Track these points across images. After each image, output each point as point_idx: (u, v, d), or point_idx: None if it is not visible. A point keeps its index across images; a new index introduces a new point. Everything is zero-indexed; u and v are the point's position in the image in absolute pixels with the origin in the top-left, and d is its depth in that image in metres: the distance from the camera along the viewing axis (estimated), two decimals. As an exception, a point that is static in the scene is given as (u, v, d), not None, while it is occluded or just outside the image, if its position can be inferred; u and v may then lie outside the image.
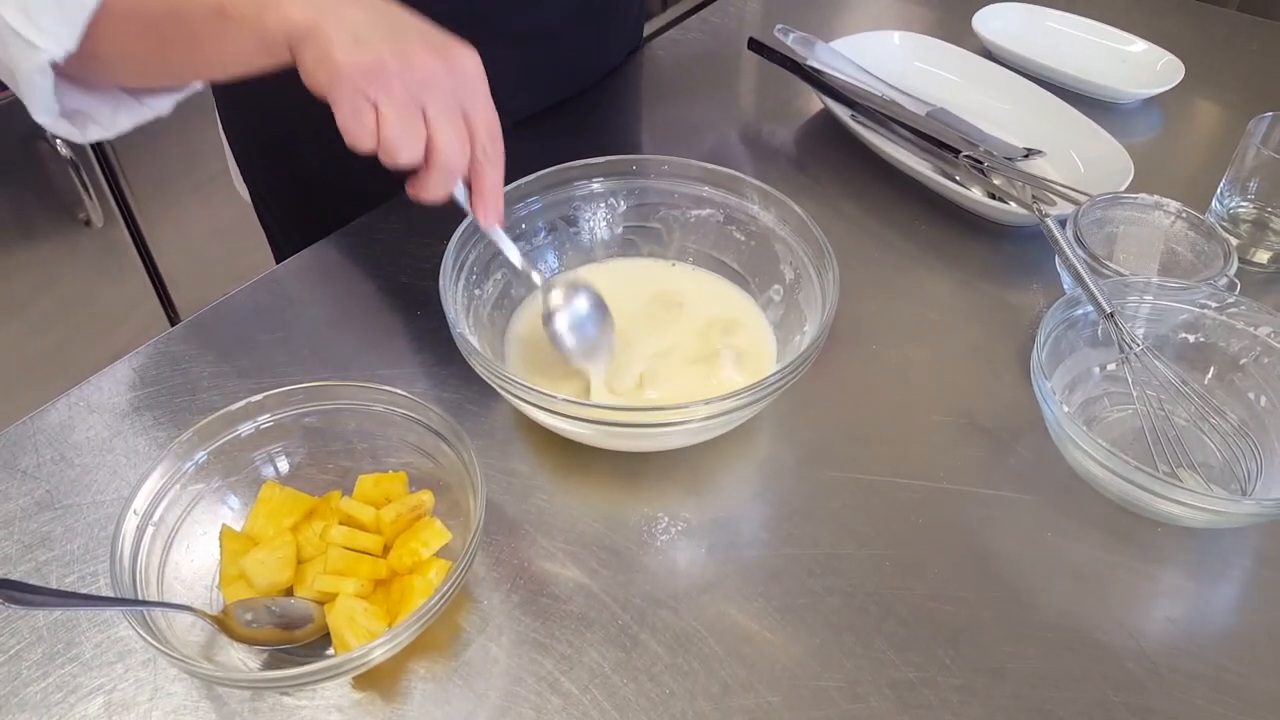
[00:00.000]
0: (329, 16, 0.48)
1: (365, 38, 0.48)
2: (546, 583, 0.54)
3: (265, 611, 0.49)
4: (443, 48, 0.50)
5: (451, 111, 0.50)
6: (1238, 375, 0.61)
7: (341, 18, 0.48)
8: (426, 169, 0.51)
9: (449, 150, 0.50)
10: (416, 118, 0.49)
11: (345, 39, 0.47)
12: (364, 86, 0.48)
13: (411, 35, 0.50)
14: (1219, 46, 1.05)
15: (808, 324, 0.63)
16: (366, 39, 0.48)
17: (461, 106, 0.51)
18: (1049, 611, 0.53)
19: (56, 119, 0.55)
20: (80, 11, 0.50)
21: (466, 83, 0.51)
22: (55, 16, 0.50)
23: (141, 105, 0.60)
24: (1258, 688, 0.50)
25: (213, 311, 0.71)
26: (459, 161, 0.51)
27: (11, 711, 0.48)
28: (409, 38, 0.49)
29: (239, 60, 0.51)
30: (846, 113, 0.87)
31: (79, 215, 1.47)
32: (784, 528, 0.57)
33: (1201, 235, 0.70)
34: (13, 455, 0.60)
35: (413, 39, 0.49)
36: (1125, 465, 0.52)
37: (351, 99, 0.48)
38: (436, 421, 0.54)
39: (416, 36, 0.50)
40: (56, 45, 0.50)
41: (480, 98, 0.52)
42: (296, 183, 0.91)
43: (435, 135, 0.50)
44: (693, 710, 0.49)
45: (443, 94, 0.50)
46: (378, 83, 0.48)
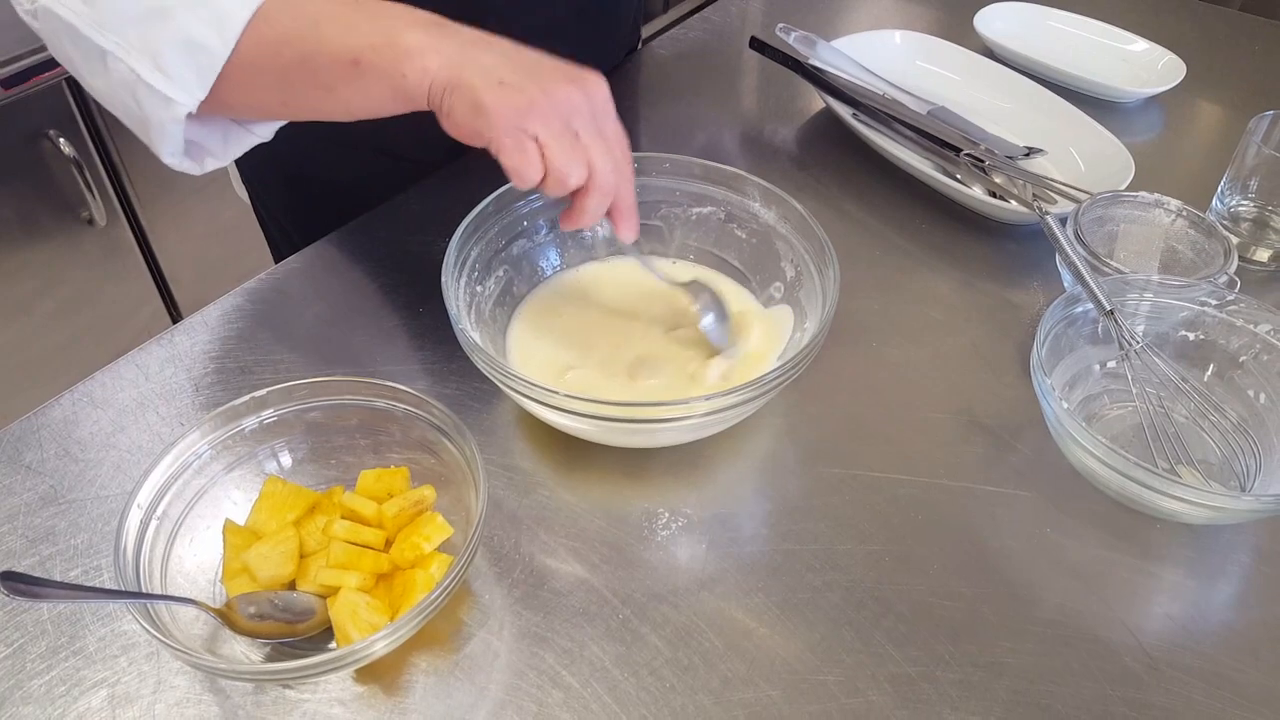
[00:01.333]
0: (468, 66, 0.50)
1: (507, 80, 0.50)
2: (548, 577, 0.54)
3: (268, 605, 0.49)
4: (578, 77, 0.52)
5: (598, 135, 0.53)
6: (1237, 373, 0.62)
7: (479, 65, 0.50)
8: (586, 192, 0.53)
9: (605, 171, 0.53)
10: (575, 144, 0.51)
11: (491, 84, 0.49)
12: (521, 124, 0.49)
13: (546, 68, 0.52)
14: (1220, 46, 1.05)
15: (808, 321, 0.63)
16: (508, 81, 0.50)
17: (600, 130, 0.53)
18: (1048, 607, 0.54)
19: (181, 158, 0.57)
20: (211, 62, 0.51)
21: (600, 106, 0.53)
22: (187, 68, 0.51)
23: (248, 133, 0.60)
24: (1256, 683, 0.50)
25: (216, 308, 0.71)
26: (614, 181, 0.53)
27: (15, 704, 0.49)
28: (545, 73, 0.51)
29: (370, 109, 0.53)
30: (848, 111, 0.88)
31: (82, 214, 1.47)
32: (784, 524, 0.58)
33: (1202, 233, 0.70)
34: (17, 450, 0.61)
35: (549, 74, 0.51)
36: (1125, 462, 0.53)
37: (514, 137, 0.50)
38: (439, 417, 0.54)
39: (551, 70, 0.52)
40: (189, 97, 0.52)
41: (614, 120, 0.54)
42: (296, 182, 0.91)
43: (593, 159, 0.52)
44: (693, 704, 0.49)
45: (587, 119, 0.52)
46: (533, 118, 0.50)
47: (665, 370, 0.63)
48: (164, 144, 0.55)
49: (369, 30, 0.50)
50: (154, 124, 0.53)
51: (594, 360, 0.64)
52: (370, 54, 0.50)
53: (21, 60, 1.32)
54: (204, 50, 0.50)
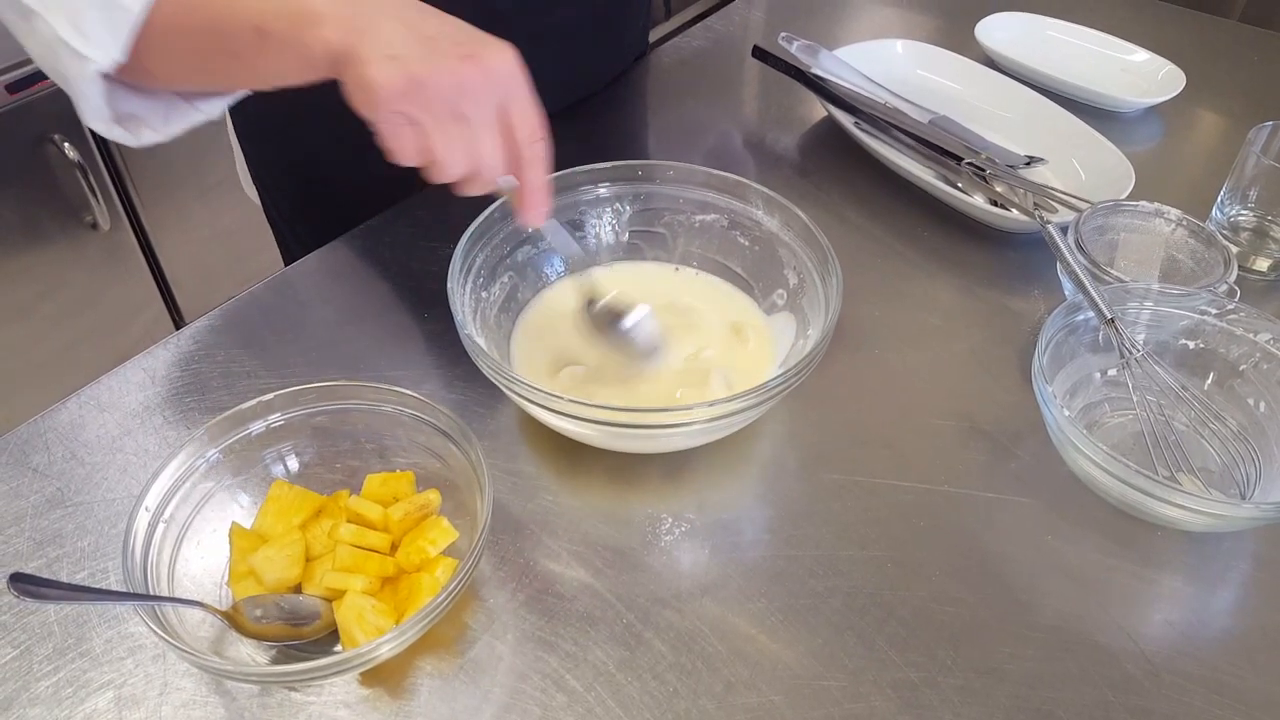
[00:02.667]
0: (365, 37, 0.48)
1: (400, 54, 0.47)
2: (551, 582, 0.55)
3: (274, 608, 0.50)
4: (477, 52, 0.49)
5: (487, 119, 0.50)
6: (1237, 381, 0.62)
7: (377, 35, 0.48)
8: (468, 180, 0.52)
9: (485, 157, 0.51)
10: (457, 130, 0.49)
11: (380, 58, 0.47)
12: (402, 108, 0.48)
13: (445, 44, 0.49)
14: (1220, 56, 1.05)
15: (811, 328, 0.63)
16: (401, 55, 0.47)
17: (500, 107, 0.50)
18: (1049, 613, 0.54)
19: (109, 125, 0.55)
20: (126, 23, 0.50)
21: (502, 83, 0.50)
22: (102, 28, 0.50)
23: (193, 109, 0.60)
24: (1255, 690, 0.51)
25: (222, 312, 0.71)
26: (497, 168, 0.52)
27: (23, 705, 0.49)
28: (443, 47, 0.49)
29: (281, 76, 0.52)
30: (850, 120, 0.88)
31: (86, 218, 1.48)
32: (786, 529, 0.58)
33: (1202, 243, 0.70)
34: (24, 453, 0.61)
35: (446, 48, 0.49)
36: (1125, 469, 0.53)
37: (390, 121, 0.48)
38: (444, 422, 0.54)
39: (450, 46, 0.49)
40: (104, 56, 0.51)
41: (518, 96, 0.51)
42: (307, 184, 0.92)
43: (477, 146, 0.50)
44: (696, 709, 0.49)
45: (479, 101, 0.49)
46: (415, 102, 0.48)
47: (668, 376, 0.63)
48: (85, 106, 0.53)
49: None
50: (73, 84, 0.52)
51: (598, 366, 0.64)
52: (274, 21, 0.49)
53: (26, 65, 1.32)
54: (119, 7, 0.50)
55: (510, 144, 0.51)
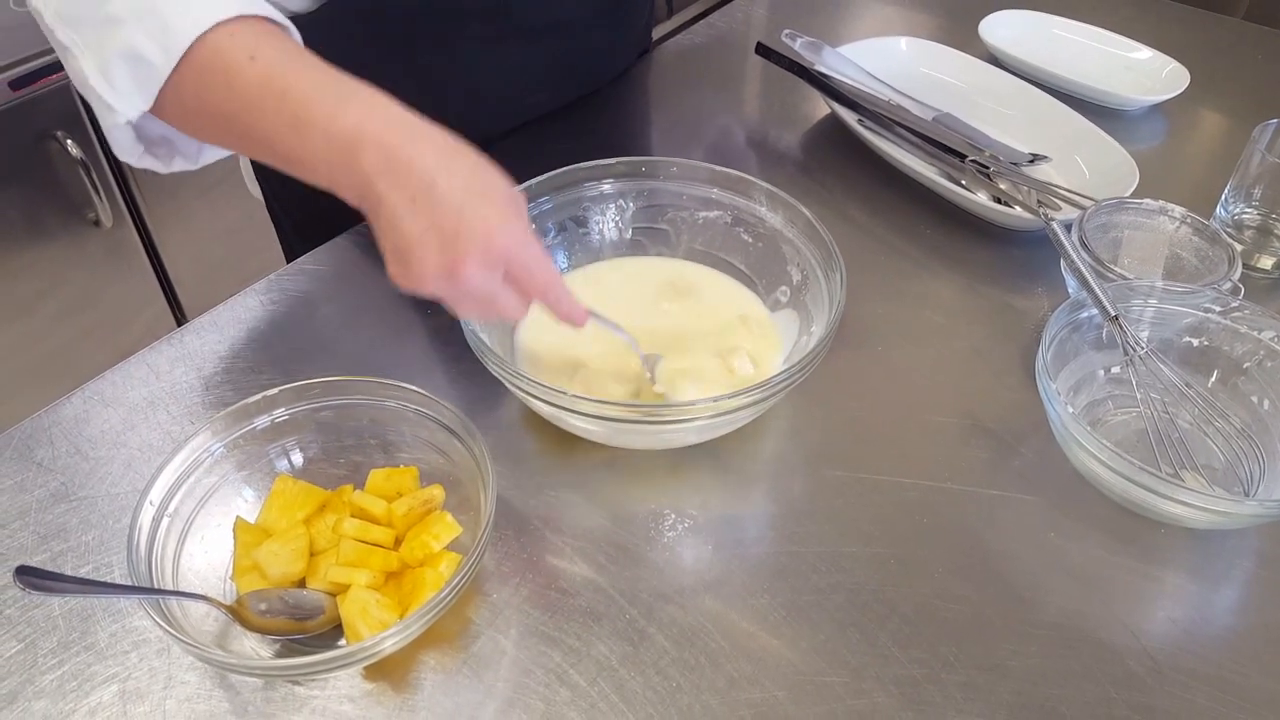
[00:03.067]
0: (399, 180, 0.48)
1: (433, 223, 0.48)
2: (555, 577, 0.55)
3: (279, 602, 0.50)
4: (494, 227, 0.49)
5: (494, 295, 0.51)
6: (1241, 379, 0.62)
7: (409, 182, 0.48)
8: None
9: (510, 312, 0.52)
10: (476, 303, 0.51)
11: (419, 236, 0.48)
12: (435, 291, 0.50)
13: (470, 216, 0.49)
14: (1224, 54, 1.05)
15: (814, 325, 0.63)
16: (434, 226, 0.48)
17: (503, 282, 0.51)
18: (1052, 610, 0.54)
19: (140, 158, 0.56)
20: (151, 76, 0.51)
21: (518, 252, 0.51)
22: (129, 81, 0.51)
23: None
24: (1258, 687, 0.51)
25: (226, 308, 0.71)
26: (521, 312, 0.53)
27: (28, 698, 0.49)
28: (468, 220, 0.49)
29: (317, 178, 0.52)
30: (853, 117, 0.88)
31: (88, 215, 1.48)
32: (789, 526, 0.58)
33: (1206, 240, 0.70)
34: (28, 447, 0.61)
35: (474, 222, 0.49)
36: (1129, 466, 0.53)
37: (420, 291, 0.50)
38: (448, 417, 0.54)
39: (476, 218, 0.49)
40: (130, 108, 0.52)
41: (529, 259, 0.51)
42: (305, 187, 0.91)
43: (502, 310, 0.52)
44: (699, 704, 0.49)
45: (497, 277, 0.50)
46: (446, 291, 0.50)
47: (672, 371, 0.63)
48: (115, 143, 0.55)
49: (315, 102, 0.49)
50: (103, 123, 0.53)
51: (601, 361, 0.64)
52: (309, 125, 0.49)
53: (29, 62, 1.32)
54: (145, 64, 0.50)
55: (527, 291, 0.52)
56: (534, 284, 0.52)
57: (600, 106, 0.95)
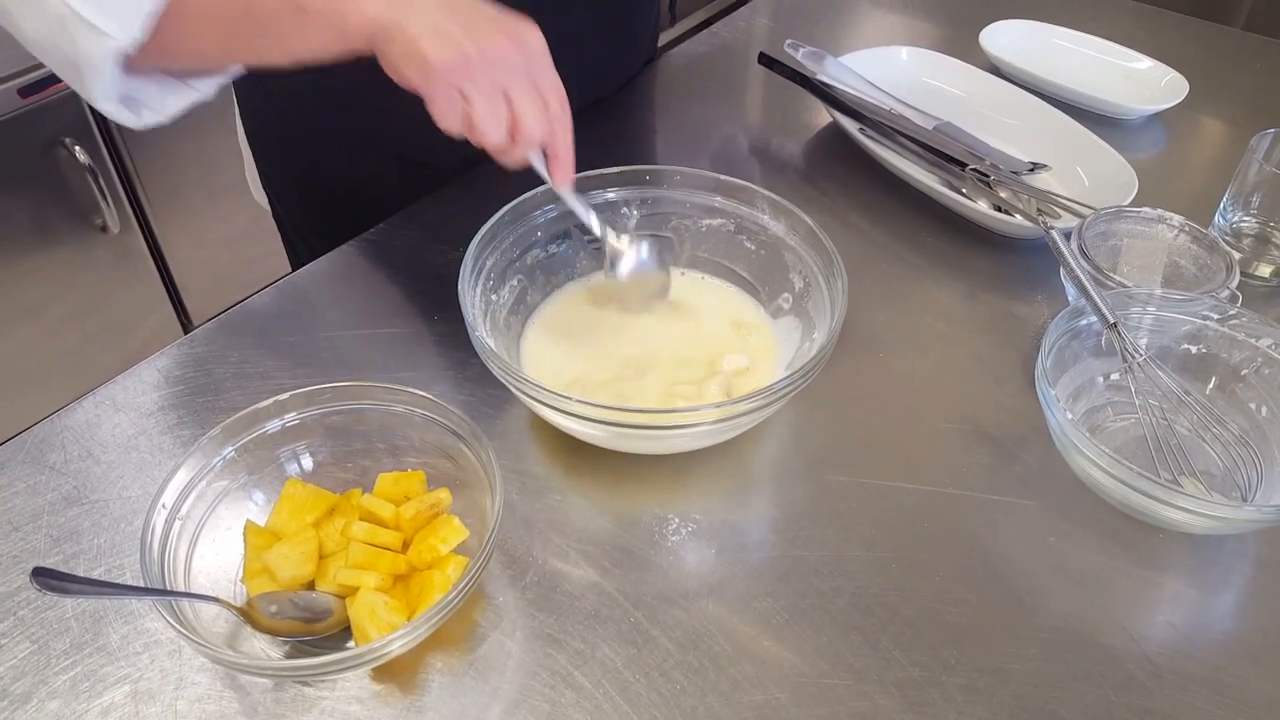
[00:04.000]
0: (408, 12, 0.51)
1: (445, 30, 0.51)
2: (560, 580, 0.55)
3: (288, 604, 0.50)
4: (514, 29, 0.54)
5: (529, 89, 0.54)
6: (1239, 386, 0.63)
7: (419, 12, 0.51)
8: (513, 143, 0.55)
9: (531, 125, 0.55)
10: (501, 102, 0.54)
11: (428, 33, 0.51)
12: (454, 80, 0.52)
13: (483, 22, 0.53)
14: (1223, 64, 1.06)
15: (816, 331, 0.64)
16: (447, 32, 0.51)
17: (534, 81, 0.55)
18: (1052, 614, 0.55)
19: (118, 106, 0.55)
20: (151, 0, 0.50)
21: (535, 58, 0.55)
22: (125, 4, 0.50)
23: (187, 88, 0.60)
24: (1257, 690, 0.51)
25: (236, 314, 0.72)
26: (540, 134, 0.56)
27: (41, 699, 0.50)
28: (482, 25, 0.53)
29: (312, 52, 0.54)
30: (855, 126, 0.89)
31: (96, 221, 1.49)
32: (792, 530, 0.59)
33: (1204, 249, 0.71)
34: (40, 451, 0.62)
35: (485, 26, 0.53)
36: (1128, 472, 0.54)
37: (445, 93, 0.52)
38: (455, 422, 0.55)
39: (488, 23, 0.53)
40: (126, 34, 0.50)
41: (548, 70, 0.56)
42: (316, 189, 0.92)
43: (520, 115, 0.54)
44: (703, 706, 0.50)
45: (519, 74, 0.54)
46: (465, 75, 0.51)
47: (676, 377, 0.64)
48: (98, 85, 0.52)
49: None
50: (86, 63, 0.51)
51: (606, 367, 0.65)
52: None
53: (39, 69, 1.34)
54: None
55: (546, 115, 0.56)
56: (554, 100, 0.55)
57: (604, 115, 0.96)
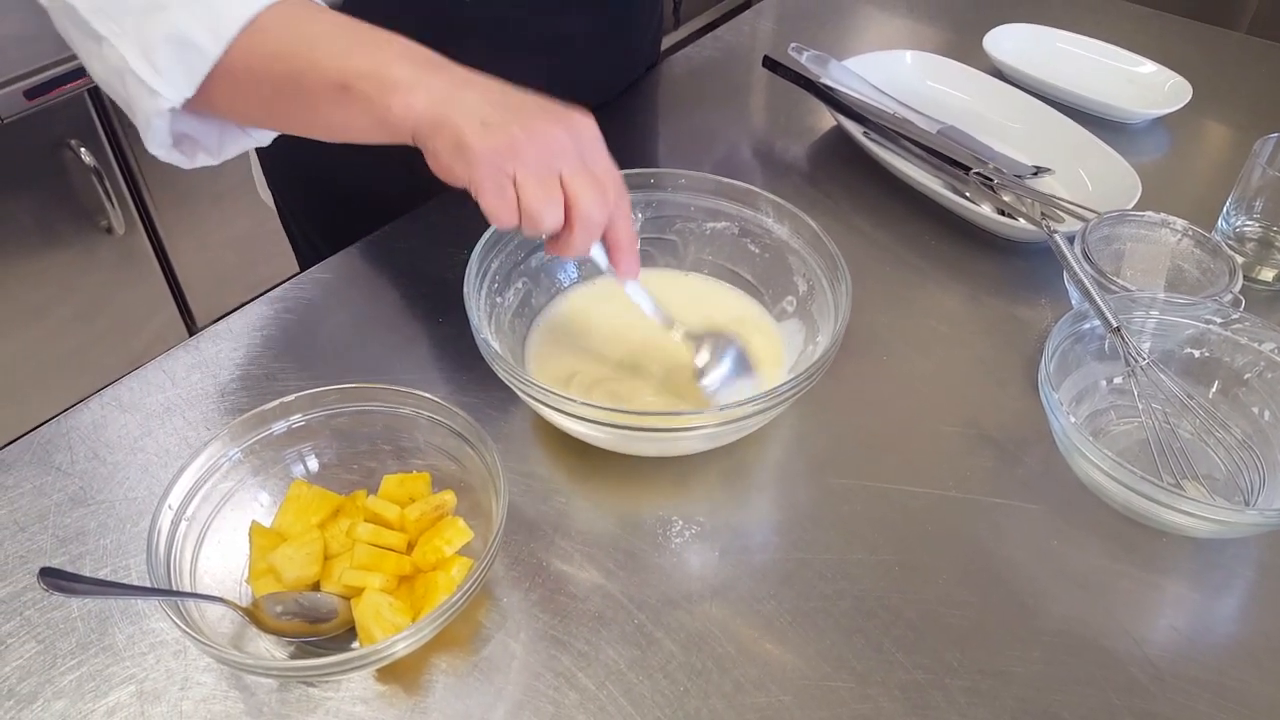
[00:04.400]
0: (454, 105, 0.49)
1: (491, 120, 0.49)
2: (564, 582, 0.56)
3: (294, 605, 0.51)
4: (564, 116, 0.52)
5: (582, 170, 0.52)
6: (1242, 390, 0.63)
7: (465, 104, 0.50)
8: (569, 228, 0.52)
9: (589, 209, 0.51)
10: (554, 185, 0.51)
11: (475, 125, 0.49)
12: (501, 164, 0.49)
13: (531, 109, 0.51)
14: (1227, 68, 1.06)
15: (820, 334, 0.64)
16: (493, 121, 0.49)
17: (588, 167, 0.52)
18: (1055, 618, 0.55)
19: (169, 151, 0.57)
20: (200, 62, 0.51)
21: (590, 145, 0.53)
22: (175, 65, 0.51)
23: (246, 135, 0.61)
24: (1260, 694, 0.51)
25: (240, 316, 0.72)
26: (600, 218, 0.52)
27: (47, 698, 0.50)
28: (530, 112, 0.51)
29: (353, 135, 0.53)
30: (859, 129, 0.89)
31: (101, 222, 1.50)
32: (795, 533, 0.59)
33: (1207, 253, 0.71)
34: (46, 452, 0.62)
35: (533, 113, 0.51)
36: (1131, 475, 0.54)
37: (494, 179, 0.49)
38: (461, 424, 0.55)
39: (536, 110, 0.51)
40: (175, 93, 0.52)
41: (604, 157, 0.53)
42: (322, 191, 0.93)
43: (575, 197, 0.51)
44: (706, 708, 0.50)
45: (572, 158, 0.51)
46: (513, 157, 0.49)
47: (680, 380, 0.64)
48: (150, 135, 0.55)
49: (361, 59, 0.51)
50: (139, 114, 0.54)
51: (610, 370, 0.65)
52: (359, 82, 0.50)
53: (45, 71, 1.34)
54: (195, 49, 0.51)
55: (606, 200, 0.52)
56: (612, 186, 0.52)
57: (608, 118, 0.95)
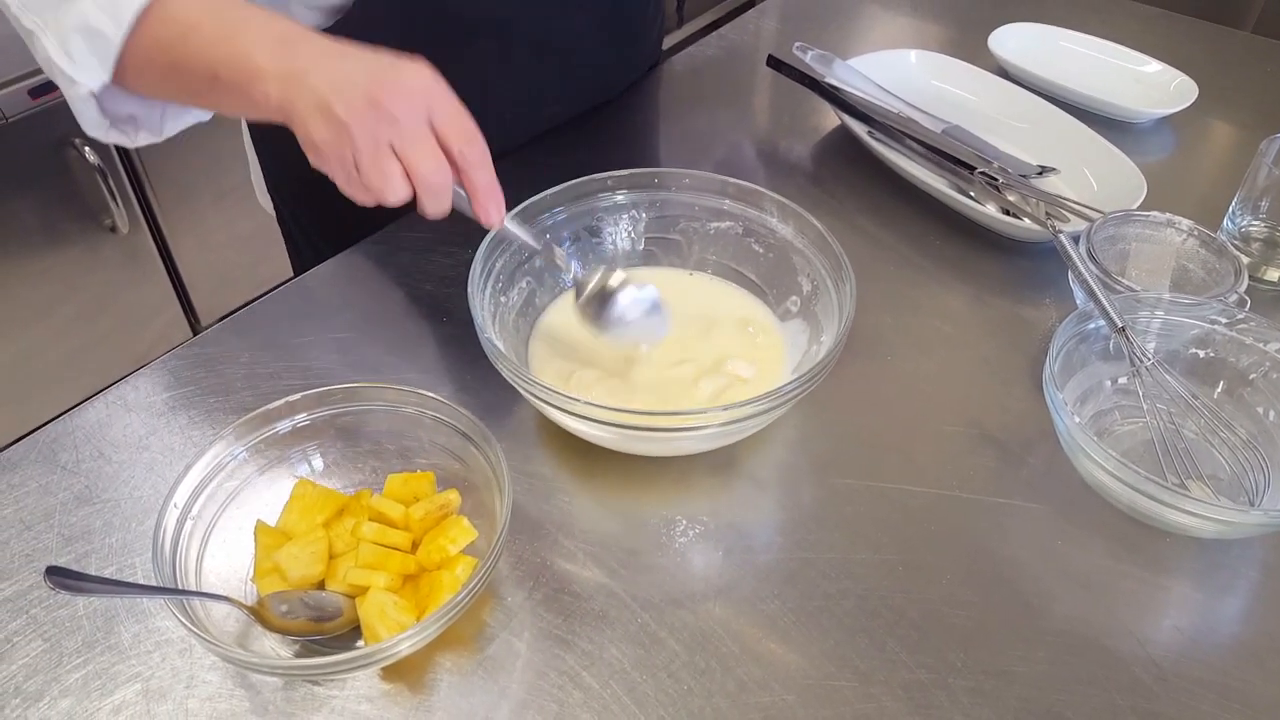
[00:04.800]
0: (298, 94, 0.52)
1: (329, 104, 0.51)
2: (568, 581, 0.56)
3: (299, 604, 0.51)
4: (390, 77, 0.52)
5: (418, 136, 0.52)
6: (1247, 390, 0.63)
7: (307, 91, 0.51)
8: (419, 195, 0.53)
9: (428, 174, 0.52)
10: (389, 161, 0.52)
11: (312, 114, 0.51)
12: (341, 153, 0.52)
13: (362, 79, 0.52)
14: (1232, 68, 1.06)
15: (824, 334, 0.64)
16: (330, 106, 0.51)
17: (429, 122, 0.53)
18: (1058, 618, 0.55)
19: (106, 131, 0.59)
20: (107, 48, 0.55)
21: (419, 97, 0.52)
22: (88, 53, 0.55)
23: (187, 111, 0.63)
24: (1263, 694, 0.51)
25: (245, 315, 0.73)
26: (440, 179, 0.53)
27: (54, 696, 0.50)
28: (360, 82, 0.51)
29: (245, 116, 0.57)
30: (863, 129, 0.89)
31: (105, 221, 1.50)
32: (799, 532, 0.59)
33: (1213, 253, 0.71)
34: (52, 451, 0.63)
35: (363, 82, 0.51)
36: (1136, 475, 0.54)
37: (341, 168, 0.52)
38: (465, 424, 0.55)
39: (367, 79, 0.52)
40: (91, 79, 0.56)
41: (442, 107, 0.53)
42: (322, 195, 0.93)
43: (412, 167, 0.52)
44: (710, 707, 0.50)
45: (403, 124, 0.52)
46: (349, 144, 0.51)
47: (684, 380, 0.64)
48: (81, 117, 0.58)
49: (225, 49, 0.53)
50: (69, 99, 0.57)
51: (614, 369, 0.65)
52: (224, 71, 0.53)
53: (49, 70, 1.35)
54: (101, 36, 0.54)
55: (446, 151, 0.53)
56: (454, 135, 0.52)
57: (613, 118, 0.96)
